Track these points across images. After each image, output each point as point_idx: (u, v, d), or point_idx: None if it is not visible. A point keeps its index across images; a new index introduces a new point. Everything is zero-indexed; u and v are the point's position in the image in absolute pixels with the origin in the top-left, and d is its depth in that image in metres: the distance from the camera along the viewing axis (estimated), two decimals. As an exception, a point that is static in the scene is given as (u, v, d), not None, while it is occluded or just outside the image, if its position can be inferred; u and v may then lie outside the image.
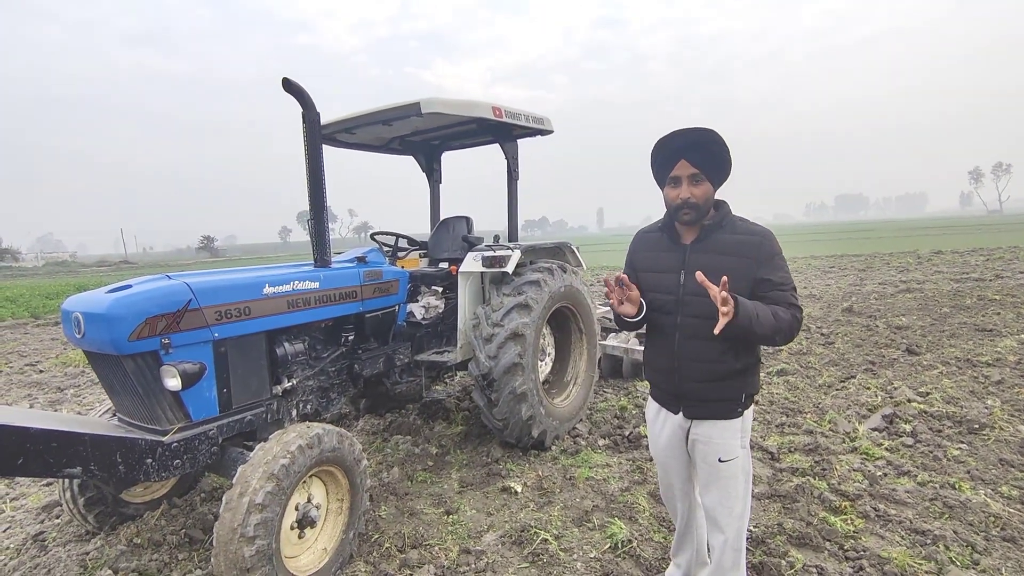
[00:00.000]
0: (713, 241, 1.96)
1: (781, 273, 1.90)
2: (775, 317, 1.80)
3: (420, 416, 4.91)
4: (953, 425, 4.13)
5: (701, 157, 1.89)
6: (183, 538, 3.01)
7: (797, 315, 1.86)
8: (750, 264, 1.89)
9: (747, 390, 2.01)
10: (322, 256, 3.28)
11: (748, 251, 1.91)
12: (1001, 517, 2.91)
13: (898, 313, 8.60)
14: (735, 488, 2.01)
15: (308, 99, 2.95)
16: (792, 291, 1.89)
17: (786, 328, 1.82)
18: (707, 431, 2.01)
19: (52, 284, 25.87)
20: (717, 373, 1.97)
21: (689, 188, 1.91)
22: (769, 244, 1.92)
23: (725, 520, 2.03)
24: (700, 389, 2.00)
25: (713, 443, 2.00)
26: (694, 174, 1.90)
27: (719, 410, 1.99)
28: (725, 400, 1.99)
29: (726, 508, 2.02)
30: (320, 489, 2.68)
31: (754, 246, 1.92)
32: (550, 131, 4.45)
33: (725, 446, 1.99)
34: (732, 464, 1.99)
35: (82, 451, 2.21)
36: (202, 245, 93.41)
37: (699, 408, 2.03)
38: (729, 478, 2.00)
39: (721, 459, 1.98)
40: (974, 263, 15.56)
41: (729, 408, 1.99)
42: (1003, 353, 5.97)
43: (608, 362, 5.78)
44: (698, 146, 1.90)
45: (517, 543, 2.90)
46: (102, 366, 2.61)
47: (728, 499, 2.01)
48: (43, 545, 3.07)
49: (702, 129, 1.89)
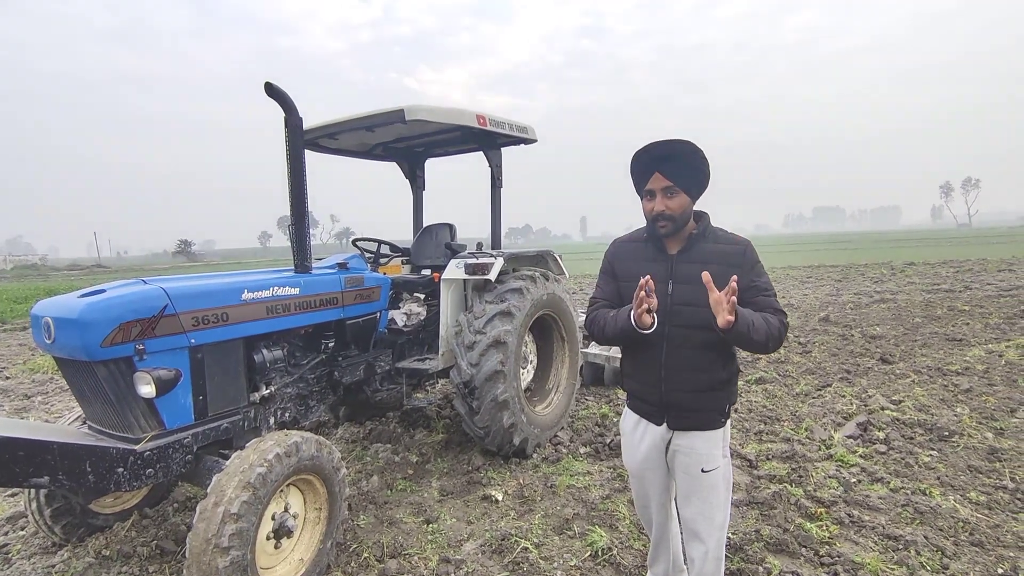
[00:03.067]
0: (698, 251, 1.98)
1: (765, 279, 1.95)
2: (767, 323, 1.82)
3: (400, 424, 4.87)
4: (924, 432, 4.23)
5: (675, 169, 1.91)
6: (154, 550, 2.93)
7: (784, 320, 1.89)
8: (735, 272, 1.86)
9: (730, 400, 2.03)
10: (303, 262, 3.24)
11: (732, 259, 1.94)
12: (970, 522, 2.99)
13: (873, 323, 8.81)
14: (716, 498, 2.01)
15: (291, 103, 2.92)
16: (775, 297, 1.93)
17: (776, 334, 1.83)
18: (690, 442, 2.00)
19: (21, 288, 25.11)
20: (704, 383, 1.97)
21: (663, 200, 1.92)
22: (751, 252, 1.97)
23: (706, 531, 2.02)
24: (687, 399, 1.98)
25: (696, 453, 1.99)
26: (667, 187, 1.91)
27: (704, 421, 1.99)
28: (710, 410, 1.99)
29: (707, 518, 2.02)
30: (298, 498, 2.64)
31: (737, 255, 1.95)
32: (534, 140, 4.48)
33: (708, 456, 1.99)
34: (714, 474, 1.99)
35: (50, 460, 2.15)
36: (179, 249, 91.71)
37: (685, 419, 2.01)
38: (711, 488, 2.00)
39: (704, 469, 1.98)
40: (945, 274, 16.03)
41: (713, 418, 1.99)
42: (972, 362, 6.14)
43: (590, 370, 5.80)
44: (671, 158, 1.91)
45: (497, 552, 2.88)
46: (73, 372, 2.54)
47: (709, 509, 2.01)
48: (7, 558, 2.96)
49: (677, 141, 1.90)
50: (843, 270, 19.53)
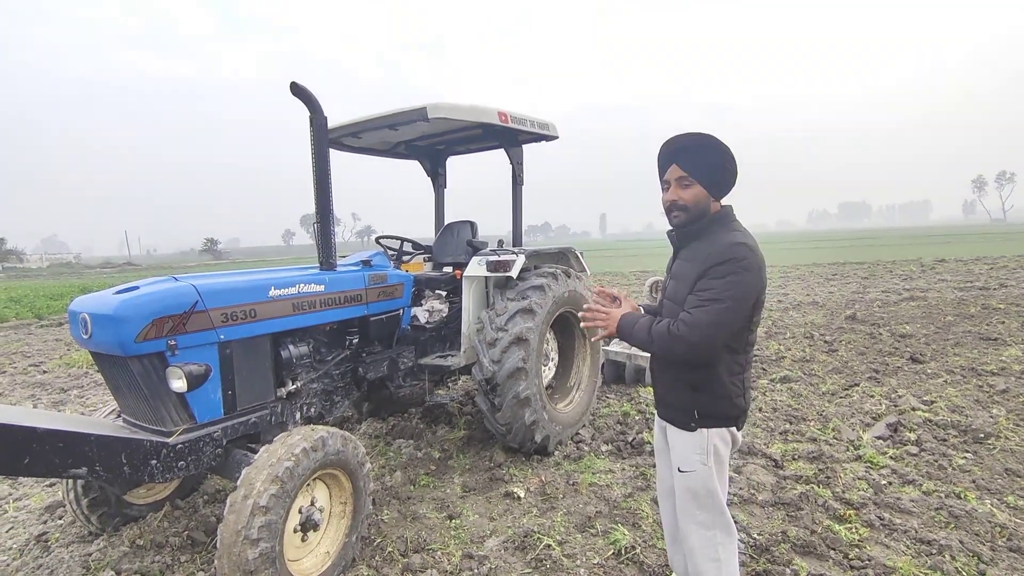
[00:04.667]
0: (692, 248, 1.99)
1: (711, 291, 1.80)
2: (649, 332, 1.88)
3: (423, 420, 4.91)
4: (958, 434, 4.11)
5: (691, 160, 1.91)
6: (186, 540, 3.01)
7: (676, 329, 1.81)
8: (697, 274, 1.86)
9: (698, 407, 1.94)
10: (327, 259, 3.29)
11: (707, 261, 1.84)
12: (1007, 527, 2.89)
13: (902, 321, 8.57)
14: (688, 503, 1.99)
15: (316, 103, 2.96)
16: (700, 306, 1.80)
17: (657, 340, 1.86)
18: (673, 436, 2.06)
19: (56, 285, 25.97)
20: (674, 378, 2.02)
21: (676, 191, 1.94)
22: (719, 256, 1.82)
23: (684, 531, 2.04)
24: (662, 391, 2.11)
25: (675, 450, 2.04)
26: (681, 177, 1.93)
27: (675, 417, 2.03)
28: (678, 408, 2.01)
29: (685, 519, 2.03)
30: (323, 492, 2.68)
31: (712, 258, 1.83)
32: (555, 136, 4.47)
33: (683, 456, 1.99)
34: (689, 476, 1.97)
35: (87, 451, 2.22)
36: (206, 247, 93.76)
37: (664, 411, 2.11)
38: (686, 489, 1.99)
39: (680, 469, 2.00)
40: (978, 272, 15.50)
41: (682, 418, 2.00)
42: (1008, 362, 5.94)
43: (611, 368, 5.77)
44: (688, 150, 1.92)
45: (520, 548, 2.89)
46: (108, 367, 2.62)
47: (685, 511, 2.01)
48: (46, 546, 3.07)
49: (696, 134, 1.92)
50: (870, 267, 19.03)
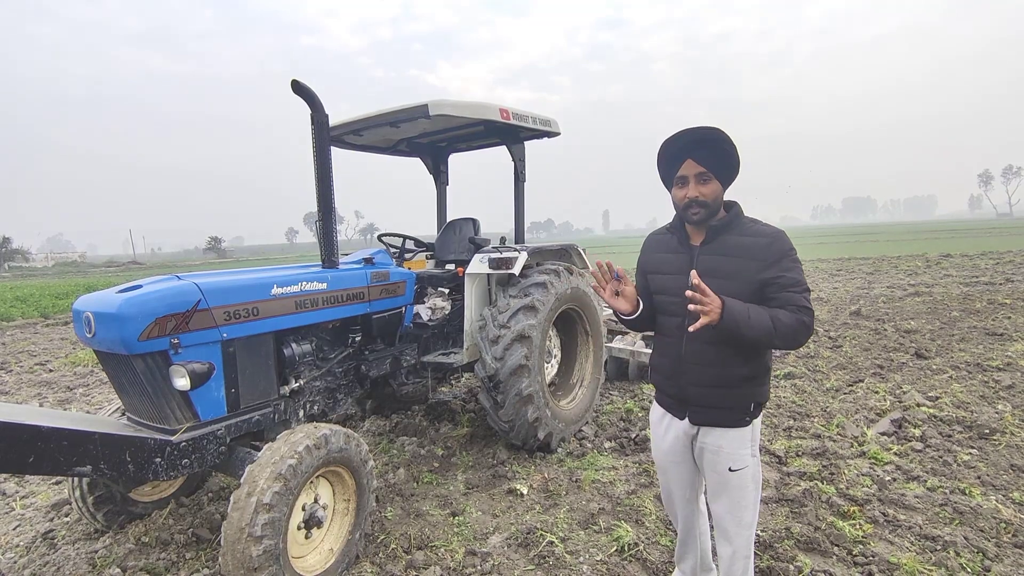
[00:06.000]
0: (721, 243, 1.92)
1: (790, 274, 1.81)
2: (773, 320, 1.73)
3: (426, 417, 4.92)
4: (963, 430, 4.09)
5: (707, 155, 1.86)
6: (190, 537, 3.02)
7: (804, 318, 1.76)
8: (757, 267, 1.83)
9: (756, 398, 1.95)
10: (330, 257, 3.29)
11: (756, 253, 1.85)
12: (1012, 523, 2.88)
13: (907, 317, 8.53)
14: (745, 498, 1.98)
15: (317, 101, 2.96)
16: (803, 293, 1.80)
17: (786, 332, 1.73)
18: (716, 440, 1.97)
19: (61, 284, 26.09)
20: (723, 378, 1.92)
21: (696, 187, 1.88)
22: (779, 244, 1.84)
23: (734, 530, 2.00)
24: (705, 394, 1.95)
25: (723, 452, 1.95)
26: (701, 172, 1.87)
27: (727, 418, 1.94)
28: (732, 408, 1.94)
29: (735, 518, 1.99)
30: (327, 490, 2.69)
31: (762, 248, 1.85)
32: (557, 133, 4.45)
33: (735, 455, 1.94)
34: (742, 473, 1.95)
35: (92, 450, 2.23)
36: (209, 246, 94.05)
37: (705, 414, 1.98)
38: (739, 488, 1.96)
39: (731, 468, 1.94)
40: (984, 267, 15.41)
41: (736, 416, 1.94)
42: (1014, 357, 5.91)
43: (614, 364, 5.76)
44: (704, 144, 1.87)
45: (523, 545, 2.89)
46: (112, 365, 2.63)
47: (738, 509, 1.98)
48: (52, 543, 3.09)
49: (708, 127, 1.86)
50: (875, 262, 18.95)
